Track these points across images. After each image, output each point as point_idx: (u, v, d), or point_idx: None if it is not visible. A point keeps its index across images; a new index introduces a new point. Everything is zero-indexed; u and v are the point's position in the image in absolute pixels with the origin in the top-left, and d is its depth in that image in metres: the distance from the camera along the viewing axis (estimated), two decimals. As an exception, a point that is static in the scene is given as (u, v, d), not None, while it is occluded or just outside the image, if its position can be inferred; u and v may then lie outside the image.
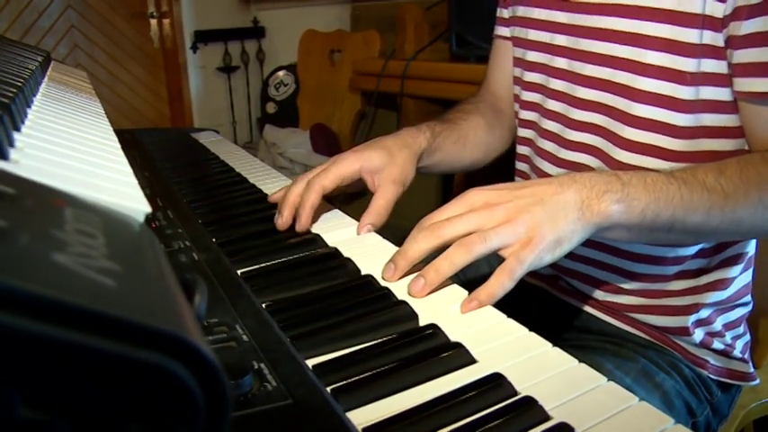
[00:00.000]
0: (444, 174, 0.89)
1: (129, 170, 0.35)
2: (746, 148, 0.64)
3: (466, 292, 0.50)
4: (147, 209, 0.26)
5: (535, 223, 0.50)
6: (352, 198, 2.09)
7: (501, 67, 0.91)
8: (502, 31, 0.90)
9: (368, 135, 1.93)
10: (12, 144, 0.29)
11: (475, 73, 1.58)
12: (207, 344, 0.16)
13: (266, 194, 0.77)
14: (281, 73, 2.80)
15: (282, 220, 0.63)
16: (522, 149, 0.86)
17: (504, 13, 0.89)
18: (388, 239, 0.62)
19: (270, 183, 0.84)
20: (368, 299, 0.48)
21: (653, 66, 0.63)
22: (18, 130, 0.32)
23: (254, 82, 2.95)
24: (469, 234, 0.51)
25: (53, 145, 0.32)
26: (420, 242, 0.52)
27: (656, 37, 0.62)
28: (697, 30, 0.60)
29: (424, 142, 0.74)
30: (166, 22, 2.81)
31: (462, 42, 1.63)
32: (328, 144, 2.01)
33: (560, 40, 0.73)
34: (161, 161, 0.96)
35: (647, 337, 0.74)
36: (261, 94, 2.90)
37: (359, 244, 0.61)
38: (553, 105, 0.76)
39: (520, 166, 0.87)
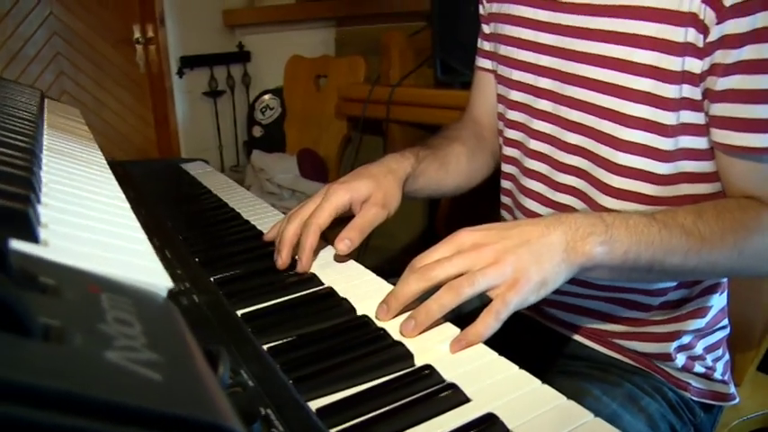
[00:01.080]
0: (430, 198, 0.92)
1: (144, 236, 0.37)
2: (723, 191, 0.67)
3: (457, 330, 0.53)
4: (170, 284, 0.28)
5: (521, 265, 0.53)
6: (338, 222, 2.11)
7: (483, 96, 0.94)
8: (483, 63, 0.93)
9: (355, 160, 1.95)
10: (39, 221, 0.31)
11: (459, 99, 1.62)
12: (238, 421, 0.18)
13: (260, 231, 0.79)
14: (266, 97, 2.83)
15: (282, 261, 0.65)
16: (505, 184, 0.89)
17: (485, 45, 0.92)
18: (376, 259, 0.65)
19: (263, 218, 0.86)
20: (365, 339, 0.50)
21: (636, 117, 0.66)
22: (39, 201, 0.34)
23: (240, 106, 2.97)
24: (459, 275, 0.54)
25: (71, 215, 0.34)
26: (411, 284, 0.54)
27: (639, 90, 0.65)
28: (677, 85, 0.63)
29: (408, 167, 0.76)
30: (152, 48, 2.83)
31: (446, 69, 1.66)
32: (316, 169, 2.03)
33: (545, 83, 0.76)
34: (154, 196, 0.98)
35: (633, 363, 0.77)
36: (247, 118, 2.91)
37: (353, 281, 0.63)
38: (537, 146, 0.79)
39: (504, 200, 0.90)
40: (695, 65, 0.62)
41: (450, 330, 0.53)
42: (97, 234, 0.33)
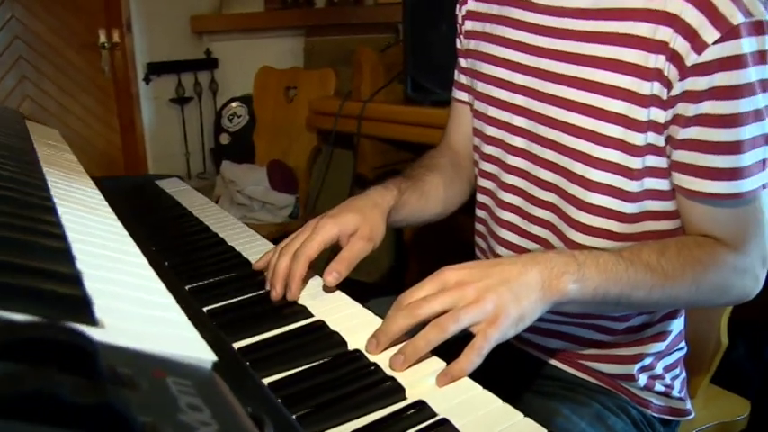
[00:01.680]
0: (410, 225, 0.95)
1: (172, 301, 0.40)
2: (683, 228, 0.73)
3: (443, 363, 0.57)
4: (213, 357, 0.31)
5: (501, 303, 0.57)
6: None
7: (459, 126, 0.98)
8: (460, 95, 0.97)
9: (325, 173, 1.98)
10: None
11: (429, 117, 1.66)
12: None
13: (246, 258, 0.82)
14: (234, 104, 2.83)
15: (276, 293, 0.68)
16: (479, 213, 0.93)
17: (461, 78, 0.97)
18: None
19: (246, 243, 0.88)
20: (360, 374, 0.54)
21: (605, 161, 0.71)
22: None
23: (207, 113, 2.97)
24: (444, 312, 0.58)
25: (105, 283, 0.36)
26: (399, 321, 0.58)
27: (610, 136, 0.70)
28: (643, 133, 0.69)
29: (391, 200, 0.80)
30: (118, 53, 2.80)
31: (417, 87, 1.70)
32: (286, 181, 2.06)
33: (519, 121, 0.81)
34: (133, 218, 0.99)
35: (599, 383, 0.82)
36: (214, 125, 2.91)
37: (341, 313, 0.66)
38: (512, 180, 0.83)
39: (478, 227, 0.94)
40: (660, 115, 0.67)
41: (437, 364, 0.57)
42: (135, 305, 0.36)
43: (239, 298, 0.70)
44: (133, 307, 0.36)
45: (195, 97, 2.93)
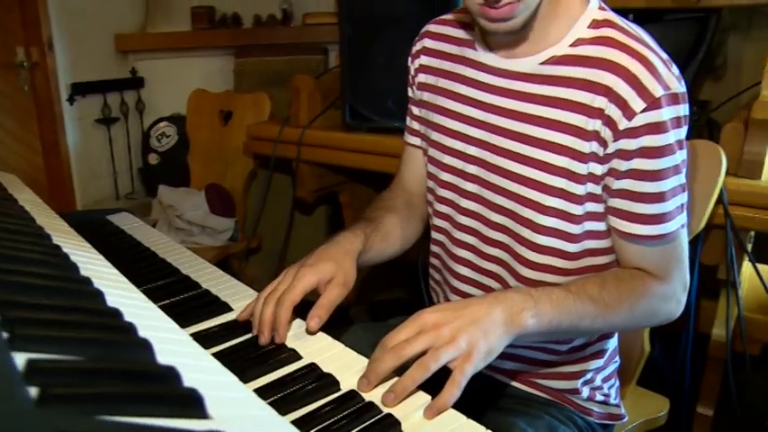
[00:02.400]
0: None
1: (234, 379, 0.45)
2: (618, 261, 0.86)
3: (428, 397, 0.65)
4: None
5: (472, 340, 0.67)
6: (248, 254, 2.18)
7: (412, 168, 1.07)
8: (412, 140, 1.06)
9: (265, 197, 2.02)
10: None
11: (367, 143, 1.75)
12: None
13: (224, 301, 0.88)
14: (162, 124, 2.82)
15: (265, 339, 0.75)
16: (434, 248, 1.02)
17: (414, 124, 1.05)
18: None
19: (220, 285, 0.93)
20: (359, 413, 0.62)
21: (551, 207, 0.82)
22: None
23: (134, 133, 2.93)
24: (425, 351, 0.66)
25: (192, 371, 0.42)
26: (387, 362, 0.66)
27: (555, 187, 0.82)
28: (583, 184, 0.80)
29: (359, 246, 0.88)
30: (39, 72, 2.73)
31: (354, 114, 1.78)
32: (224, 205, 2.09)
33: (472, 169, 0.90)
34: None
35: (549, 397, 0.93)
36: (142, 144, 2.89)
37: (327, 354, 0.74)
38: (465, 221, 0.93)
39: (433, 261, 1.04)
40: (597, 168, 0.79)
41: (423, 398, 0.65)
42: (213, 389, 0.41)
43: (229, 344, 0.76)
44: (214, 391, 0.42)
45: (122, 117, 2.89)
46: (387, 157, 1.73)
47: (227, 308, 0.86)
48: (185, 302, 0.89)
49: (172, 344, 0.55)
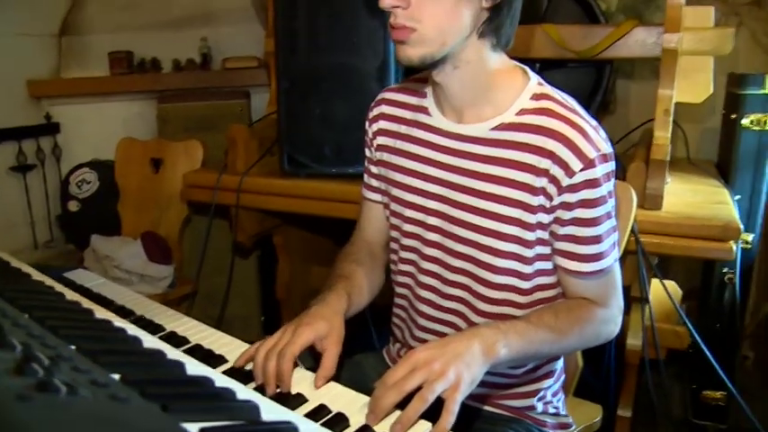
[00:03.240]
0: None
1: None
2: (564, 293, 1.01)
3: (429, 424, 0.77)
4: None
5: (459, 371, 0.79)
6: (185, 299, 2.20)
7: (373, 222, 1.19)
8: (372, 196, 1.18)
9: (206, 243, 2.06)
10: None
11: (305, 189, 1.86)
12: None
13: (219, 354, 0.95)
14: (83, 170, 2.78)
15: (271, 390, 0.84)
16: (399, 290, 1.14)
17: (372, 181, 1.17)
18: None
19: (211, 341, 1.01)
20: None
21: (507, 251, 0.97)
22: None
23: (51, 179, 2.88)
24: (421, 385, 0.78)
25: (270, 413, 0.50)
26: (390, 397, 0.77)
27: (509, 234, 0.96)
28: (533, 231, 0.95)
29: (345, 304, 0.99)
30: (-55, 123, 2.64)
31: (292, 161, 1.88)
32: (162, 252, 2.11)
33: (433, 221, 1.04)
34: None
35: (510, 414, 1.07)
36: (61, 191, 2.83)
37: (329, 394, 0.84)
38: (428, 266, 1.06)
39: (398, 301, 1.16)
40: (545, 218, 0.95)
41: (425, 425, 0.76)
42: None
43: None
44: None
45: (38, 164, 2.83)
46: (324, 201, 1.85)
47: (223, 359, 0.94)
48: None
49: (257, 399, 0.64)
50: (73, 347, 0.72)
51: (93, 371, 0.54)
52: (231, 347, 0.97)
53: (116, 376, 0.66)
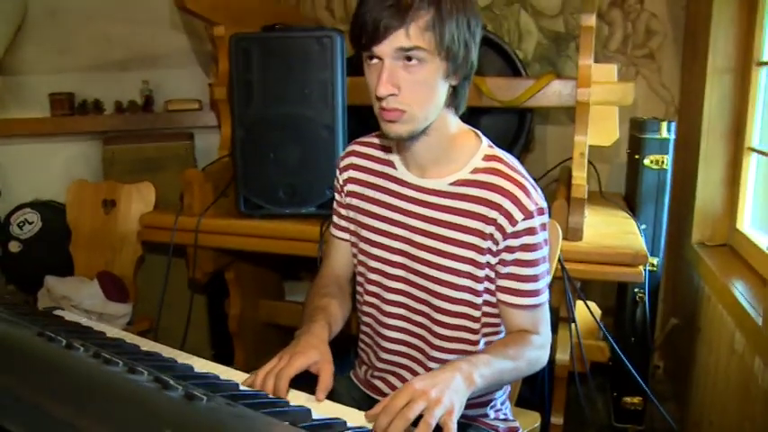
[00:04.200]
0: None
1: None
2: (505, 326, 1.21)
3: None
4: None
5: (452, 399, 0.92)
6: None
7: (339, 257, 1.36)
8: (340, 234, 1.34)
9: (166, 282, 2.15)
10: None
11: (260, 229, 2.00)
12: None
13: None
14: (25, 210, 2.79)
15: None
16: (365, 319, 1.31)
17: (341, 222, 1.34)
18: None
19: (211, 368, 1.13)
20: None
21: (461, 285, 1.16)
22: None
23: (-11, 220, 2.87)
24: (422, 412, 0.90)
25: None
26: (398, 425, 0.87)
27: (464, 271, 1.15)
28: (482, 270, 1.15)
29: (327, 334, 1.15)
30: None
31: (247, 203, 2.01)
32: (119, 290, 2.18)
33: (397, 258, 1.21)
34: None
35: (465, 421, 1.24)
36: (1, 232, 2.83)
37: (321, 407, 0.99)
38: (393, 297, 1.23)
39: (364, 329, 1.32)
40: (492, 259, 1.14)
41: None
42: None
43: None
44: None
45: (-23, 205, 2.82)
46: (279, 240, 1.99)
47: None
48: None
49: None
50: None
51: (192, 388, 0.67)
52: (231, 373, 1.10)
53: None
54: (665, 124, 2.01)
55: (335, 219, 1.36)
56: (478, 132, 1.21)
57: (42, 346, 0.68)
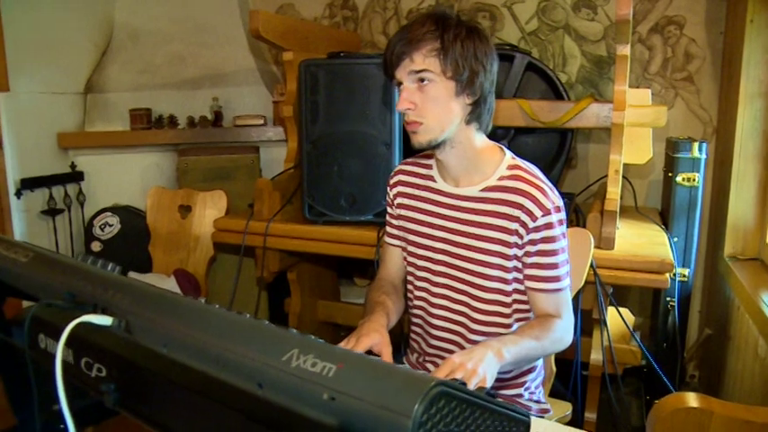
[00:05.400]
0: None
1: None
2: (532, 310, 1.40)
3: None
4: None
5: (485, 370, 1.11)
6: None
7: (392, 262, 1.58)
8: (391, 241, 1.57)
9: (236, 281, 2.39)
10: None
11: (323, 234, 2.22)
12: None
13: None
14: (106, 214, 3.09)
15: None
16: (416, 311, 1.52)
17: (393, 230, 1.56)
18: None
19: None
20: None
21: (494, 276, 1.37)
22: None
23: (76, 222, 3.18)
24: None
25: None
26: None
27: (495, 263, 1.36)
28: (511, 261, 1.35)
29: (386, 321, 1.36)
30: (-14, 171, 2.92)
31: (312, 210, 2.25)
32: (193, 286, 2.44)
33: (439, 257, 1.43)
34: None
35: (504, 401, 1.43)
36: (85, 233, 3.14)
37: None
38: (438, 290, 1.45)
39: (415, 320, 1.53)
40: (519, 252, 1.35)
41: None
42: None
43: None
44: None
45: (65, 208, 3.13)
46: (339, 243, 2.21)
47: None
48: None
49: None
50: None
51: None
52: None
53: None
54: (696, 144, 2.16)
55: (388, 228, 1.58)
56: (503, 147, 1.43)
57: (189, 301, 0.90)
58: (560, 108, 2.17)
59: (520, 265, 1.36)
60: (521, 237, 1.33)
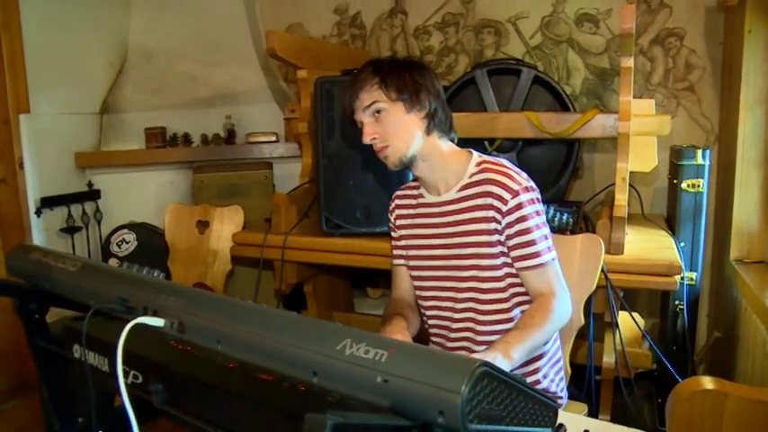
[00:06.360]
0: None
1: None
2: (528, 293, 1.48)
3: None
4: None
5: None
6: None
7: (402, 282, 1.67)
8: (398, 261, 1.66)
9: (256, 293, 2.46)
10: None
11: (340, 245, 2.29)
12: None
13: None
14: (123, 231, 3.16)
15: None
16: (432, 321, 1.60)
17: (397, 251, 1.66)
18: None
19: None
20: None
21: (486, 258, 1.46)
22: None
23: (93, 239, 3.25)
24: None
25: None
26: None
27: (481, 252, 1.46)
28: (495, 247, 1.45)
29: (406, 325, 1.46)
30: (7, 189, 2.99)
31: (329, 223, 2.31)
32: (213, 298, 2.51)
33: (439, 261, 1.53)
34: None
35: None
36: (102, 250, 3.20)
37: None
38: (443, 284, 1.54)
39: (433, 329, 1.61)
40: (501, 237, 1.45)
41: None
42: None
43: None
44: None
45: (83, 226, 3.20)
46: (355, 254, 2.28)
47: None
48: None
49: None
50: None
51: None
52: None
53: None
54: (699, 151, 2.23)
55: (394, 252, 1.68)
56: (471, 150, 1.54)
57: (237, 301, 0.97)
58: (567, 119, 2.24)
59: (506, 250, 1.46)
60: (498, 222, 1.44)
